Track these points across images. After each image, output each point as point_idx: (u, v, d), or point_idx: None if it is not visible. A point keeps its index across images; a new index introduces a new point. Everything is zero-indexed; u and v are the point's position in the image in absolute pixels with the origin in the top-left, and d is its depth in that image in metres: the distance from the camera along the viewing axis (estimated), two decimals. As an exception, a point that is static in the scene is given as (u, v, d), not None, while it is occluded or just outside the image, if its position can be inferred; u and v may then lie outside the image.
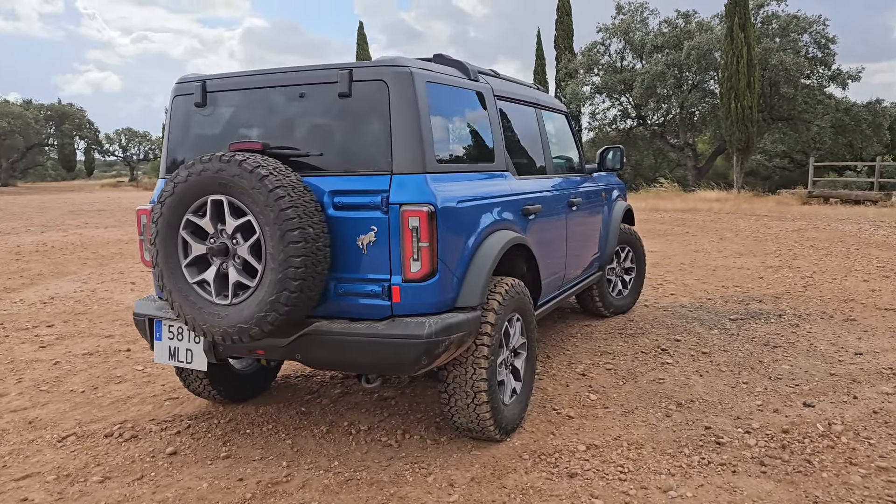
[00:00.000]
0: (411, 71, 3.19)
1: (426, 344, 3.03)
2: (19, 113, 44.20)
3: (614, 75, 28.62)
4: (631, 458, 3.39)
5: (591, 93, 29.65)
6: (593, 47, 29.31)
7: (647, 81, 26.17)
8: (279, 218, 2.91)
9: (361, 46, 36.59)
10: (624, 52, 29.18)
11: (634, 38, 28.32)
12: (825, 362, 4.78)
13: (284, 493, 3.14)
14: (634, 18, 28.60)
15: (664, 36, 27.28)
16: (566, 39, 30.73)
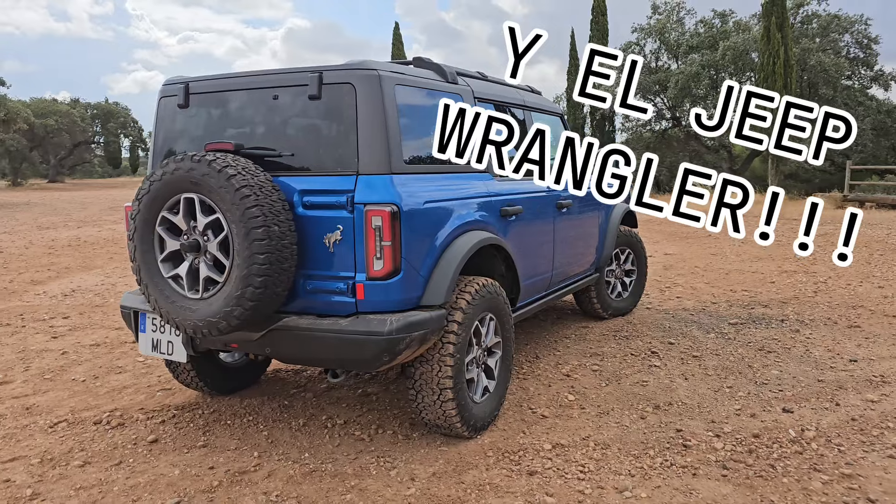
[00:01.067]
0: (379, 74, 3.27)
1: (387, 341, 3.11)
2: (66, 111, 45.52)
3: (649, 76, 28.29)
4: (594, 458, 3.42)
5: (624, 93, 29.38)
6: (628, 47, 28.99)
7: (681, 82, 25.81)
8: (244, 216, 3.02)
9: (397, 47, 36.76)
10: (659, 52, 28.83)
11: (670, 39, 27.96)
12: (816, 368, 4.72)
13: (250, 482, 3.25)
14: (670, 18, 28.23)
15: (700, 36, 26.88)
16: (601, 40, 30.42)
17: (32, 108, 41.73)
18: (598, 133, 30.79)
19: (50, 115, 43.59)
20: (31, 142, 45.09)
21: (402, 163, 3.31)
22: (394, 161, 3.25)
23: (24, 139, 41.85)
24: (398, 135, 3.30)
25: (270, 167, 3.35)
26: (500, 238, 3.88)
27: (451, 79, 3.89)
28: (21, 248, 12.19)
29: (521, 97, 4.69)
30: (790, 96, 4.27)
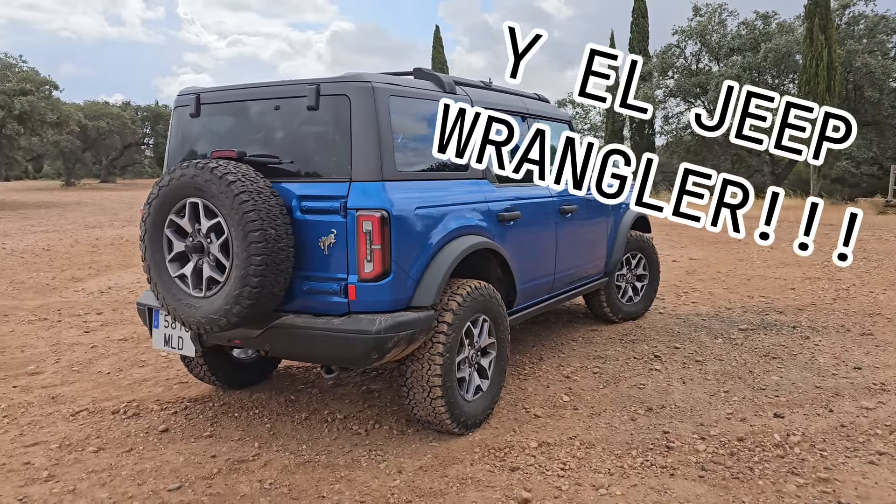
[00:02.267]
0: (373, 86, 3.44)
1: (375, 339, 3.28)
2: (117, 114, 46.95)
3: (689, 78, 28.03)
4: (577, 456, 3.54)
5: (664, 96, 29.13)
6: (668, 49, 28.77)
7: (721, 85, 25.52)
8: (242, 220, 3.22)
9: (437, 49, 37.06)
10: (700, 54, 28.53)
11: (711, 41, 27.65)
12: (818, 375, 4.74)
13: (247, 470, 3.45)
14: (712, 20, 27.92)
15: (741, 38, 26.52)
16: (641, 42, 30.25)
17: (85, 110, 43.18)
18: (638, 137, 30.58)
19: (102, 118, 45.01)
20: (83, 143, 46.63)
21: (394, 170, 3.47)
22: (386, 169, 3.42)
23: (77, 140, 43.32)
24: (391, 143, 3.47)
25: (273, 173, 3.55)
26: (494, 243, 4.02)
27: (449, 89, 4.04)
28: (67, 247, 12.72)
29: (524, 105, 4.82)
30: (833, 98, 4.26)
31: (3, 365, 5.30)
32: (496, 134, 4.51)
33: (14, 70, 26.34)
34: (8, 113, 25.28)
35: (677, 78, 28.69)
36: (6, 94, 25.41)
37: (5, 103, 25.23)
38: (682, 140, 30.57)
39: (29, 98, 25.51)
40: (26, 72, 26.51)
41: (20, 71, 26.37)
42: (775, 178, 28.12)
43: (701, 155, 31.05)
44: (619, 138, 32.00)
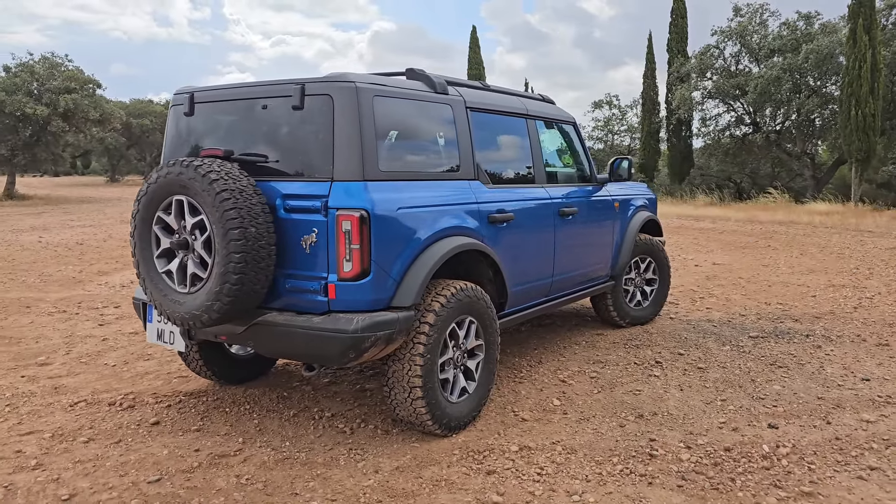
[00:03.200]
0: (356, 86, 3.45)
1: (352, 339, 3.29)
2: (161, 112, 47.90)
3: (728, 79, 27.48)
4: (557, 461, 3.50)
5: (702, 98, 28.62)
6: (707, 50, 28.24)
7: (760, 86, 24.96)
8: (223, 217, 3.26)
9: (474, 50, 37.02)
10: (739, 55, 27.94)
11: (751, 41, 27.07)
12: (822, 386, 4.61)
13: (227, 465, 3.50)
14: (753, 20, 27.32)
15: (782, 39, 25.90)
16: (680, 43, 29.80)
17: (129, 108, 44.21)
18: (675, 139, 30.13)
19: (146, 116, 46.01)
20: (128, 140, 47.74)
21: (377, 170, 3.48)
22: (368, 168, 3.43)
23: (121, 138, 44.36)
24: (374, 143, 3.48)
25: (259, 172, 3.59)
26: (483, 244, 4.00)
27: (440, 89, 4.03)
28: (100, 241, 13.04)
29: (524, 106, 4.78)
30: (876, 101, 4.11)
31: (17, 355, 5.45)
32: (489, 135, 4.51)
33: (60, 69, 27.04)
34: (53, 110, 25.96)
35: (716, 79, 28.15)
36: (52, 92, 26.11)
37: (51, 101, 25.91)
38: (721, 143, 30.02)
39: (73, 96, 26.16)
40: (71, 71, 27.17)
41: (65, 70, 27.07)
42: (817, 182, 27.45)
43: (740, 158, 30.46)
44: (656, 140, 31.59)
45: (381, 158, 3.54)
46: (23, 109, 25.04)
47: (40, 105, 25.54)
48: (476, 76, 35.96)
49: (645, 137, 31.53)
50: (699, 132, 30.14)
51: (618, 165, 5.55)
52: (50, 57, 27.32)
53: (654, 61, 30.79)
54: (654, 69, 30.87)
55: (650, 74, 30.82)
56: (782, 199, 23.34)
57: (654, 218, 6.26)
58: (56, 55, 27.45)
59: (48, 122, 26.20)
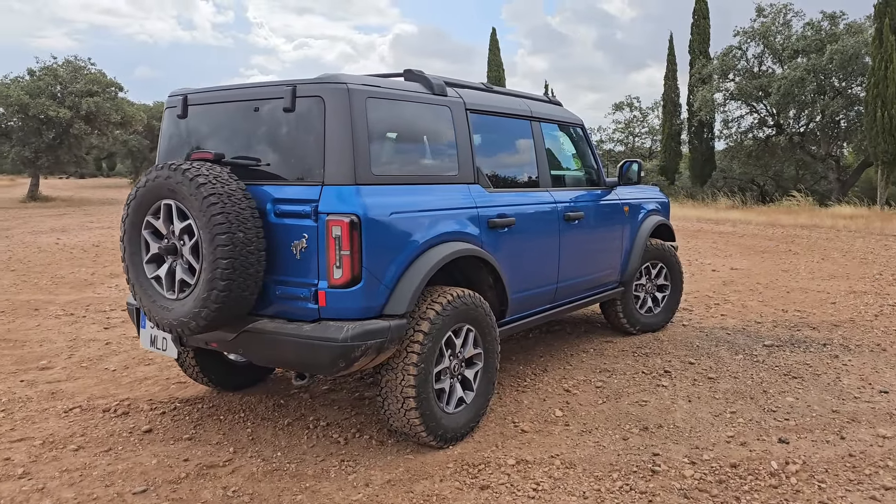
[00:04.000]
0: (348, 87, 3.35)
1: (342, 347, 3.19)
2: (183, 114, 48.34)
3: (751, 81, 27.07)
4: (554, 476, 3.37)
5: (724, 99, 28.23)
6: (729, 51, 27.86)
7: (784, 88, 24.55)
8: (210, 222, 3.18)
9: (493, 52, 36.87)
10: (762, 56, 27.53)
11: (775, 42, 26.65)
12: (838, 398, 4.43)
13: (214, 476, 3.41)
14: (776, 21, 26.91)
15: (806, 39, 25.46)
16: (702, 44, 29.46)
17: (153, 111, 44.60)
18: (696, 141, 29.78)
19: (168, 118, 46.44)
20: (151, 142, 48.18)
21: (370, 174, 3.38)
22: (360, 172, 3.33)
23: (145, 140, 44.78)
24: (367, 146, 3.37)
25: (251, 176, 3.51)
26: (482, 250, 3.88)
27: (438, 91, 3.92)
28: (116, 243, 13.12)
29: (528, 107, 4.66)
30: None
31: (20, 359, 5.43)
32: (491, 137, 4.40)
33: (83, 72, 27.35)
34: (76, 113, 26.27)
35: (738, 81, 27.77)
36: (75, 95, 26.42)
37: (73, 104, 26.23)
38: (743, 145, 29.60)
39: (95, 99, 26.44)
40: (94, 74, 27.48)
41: (88, 73, 27.37)
42: (842, 185, 26.95)
43: (763, 160, 30.02)
44: (677, 142, 31.24)
45: (375, 162, 3.43)
46: (46, 112, 25.37)
47: (63, 108, 25.85)
48: (496, 78, 35.83)
49: (666, 140, 31.19)
50: (721, 134, 29.78)
51: (627, 168, 5.40)
52: (73, 60, 27.66)
53: (675, 62, 30.48)
54: (675, 70, 30.55)
55: (671, 76, 30.50)
56: (806, 203, 22.92)
57: (666, 222, 6.10)
58: (79, 58, 27.80)
59: (70, 124, 26.50)
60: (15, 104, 25.16)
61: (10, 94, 24.91)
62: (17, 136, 27.00)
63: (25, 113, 25.61)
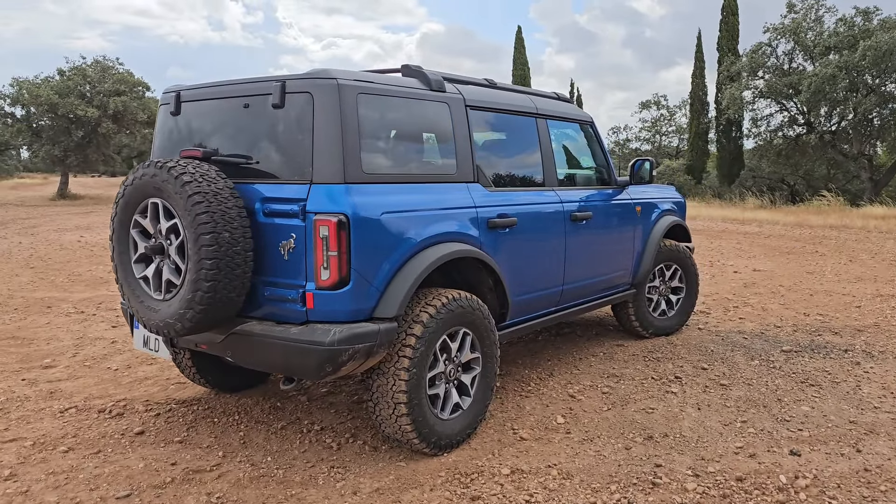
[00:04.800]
0: (338, 83, 3.25)
1: (328, 351, 3.08)
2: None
3: (781, 78, 26.50)
4: (549, 487, 3.23)
5: (753, 97, 27.68)
6: (759, 48, 27.29)
7: (815, 85, 23.96)
8: (194, 222, 3.09)
9: (518, 50, 36.64)
10: (793, 53, 26.93)
11: (806, 39, 26.04)
12: (857, 408, 4.23)
13: (200, 481, 3.33)
14: (807, 17, 26.30)
15: (838, 35, 24.84)
16: (731, 41, 28.95)
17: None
18: (724, 140, 29.29)
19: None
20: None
21: (360, 172, 3.27)
22: (349, 170, 3.22)
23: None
24: (357, 144, 3.27)
25: (242, 174, 3.42)
26: (481, 251, 3.76)
27: (436, 87, 3.79)
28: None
29: (533, 104, 4.51)
30: None
31: (25, 357, 5.42)
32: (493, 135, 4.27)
33: (111, 72, 27.71)
34: (103, 112, 26.62)
35: (768, 78, 27.21)
36: (103, 94, 26.78)
37: (101, 103, 26.58)
38: (773, 144, 29.01)
39: (123, 98, 26.77)
40: (121, 73, 27.83)
41: (116, 73, 27.72)
42: (874, 184, 26.29)
43: (793, 159, 29.40)
44: (705, 141, 30.76)
45: (366, 160, 3.33)
46: (74, 111, 25.73)
47: (91, 107, 26.20)
48: (521, 77, 35.60)
49: (693, 138, 30.73)
50: (750, 133, 29.22)
51: (639, 167, 5.23)
52: (101, 60, 28.02)
53: (703, 60, 30.01)
54: (702, 68, 30.07)
55: (699, 74, 30.03)
56: (836, 203, 22.39)
57: (682, 223, 5.91)
58: (107, 58, 28.17)
59: (98, 123, 26.87)
60: (45, 104, 25.56)
61: (41, 93, 25.31)
62: (48, 134, 27.45)
63: (55, 112, 26.00)
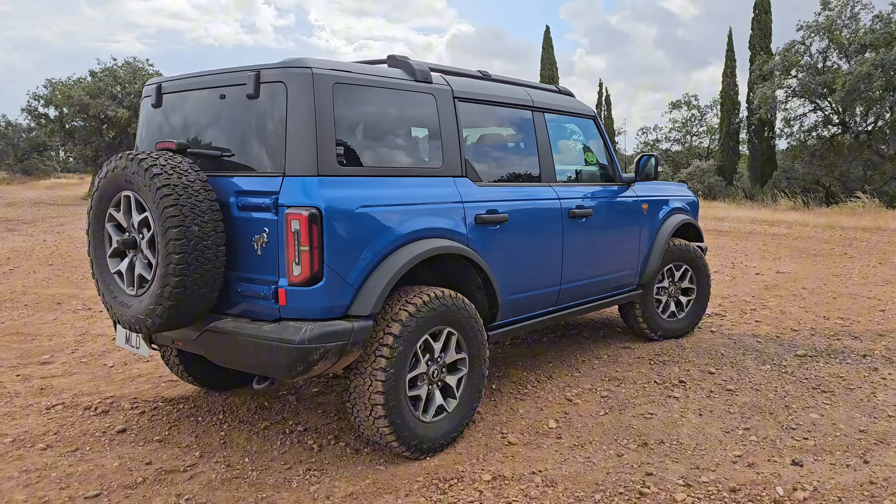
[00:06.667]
0: (312, 72, 3.14)
1: (298, 350, 2.97)
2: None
3: (814, 77, 25.84)
4: (531, 495, 3.08)
5: (786, 96, 27.02)
6: (792, 47, 26.65)
7: (849, 84, 23.31)
8: (162, 215, 3.01)
9: (546, 50, 36.30)
10: (827, 51, 26.24)
11: (840, 36, 25.35)
12: (869, 416, 4.00)
13: (171, 482, 3.24)
14: (842, 14, 25.60)
15: (874, 33, 24.14)
16: (763, 39, 28.34)
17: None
18: (756, 140, 28.70)
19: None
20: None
21: (335, 165, 3.15)
22: (323, 163, 3.11)
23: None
24: (332, 135, 3.15)
25: (218, 167, 3.34)
26: (467, 248, 3.62)
27: (421, 77, 3.66)
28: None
29: (529, 97, 4.36)
30: None
31: (25, 352, 5.42)
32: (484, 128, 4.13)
33: (141, 73, 28.07)
34: (134, 113, 26.93)
35: (801, 77, 26.54)
36: (134, 95, 27.12)
37: (132, 104, 26.91)
38: (807, 144, 28.31)
39: (152, 99, 27.08)
40: (152, 74, 28.16)
41: (146, 74, 28.07)
42: (911, 186, 25.49)
43: (828, 160, 28.65)
44: (736, 141, 30.16)
45: (343, 152, 3.21)
46: (105, 112, 26.09)
47: (122, 108, 26.53)
48: (549, 77, 35.28)
49: (723, 139, 30.15)
50: (782, 133, 28.56)
51: (644, 163, 5.04)
52: (132, 62, 28.40)
53: (734, 59, 29.42)
54: (734, 67, 29.48)
55: (730, 73, 29.46)
56: (871, 204, 21.73)
57: (693, 221, 5.70)
58: (138, 60, 28.51)
59: (129, 124, 27.18)
60: (76, 104, 25.97)
61: (73, 94, 25.73)
62: (80, 135, 27.89)
63: (86, 113, 26.39)
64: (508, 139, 4.32)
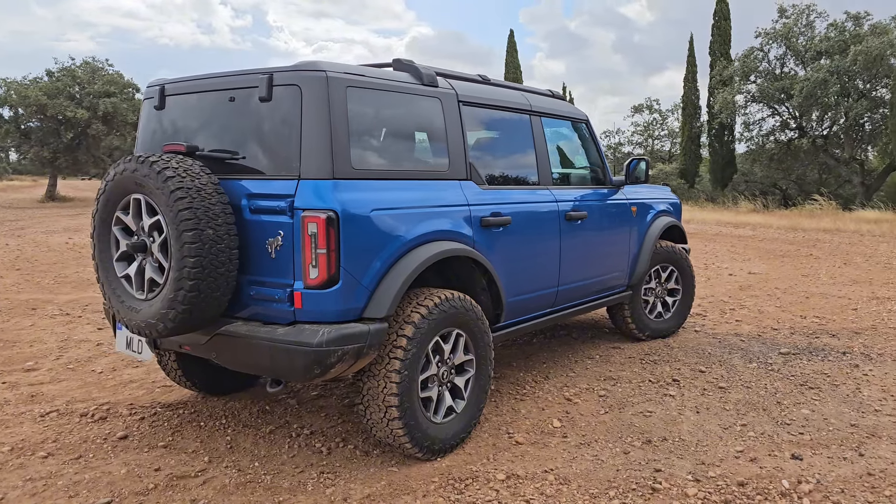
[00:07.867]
0: (327, 75, 3.14)
1: (316, 353, 2.97)
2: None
3: (773, 83, 26.55)
4: (546, 493, 3.13)
5: (745, 102, 27.71)
6: (751, 53, 27.35)
7: (806, 89, 24.01)
8: (177, 218, 2.98)
9: (511, 54, 36.57)
10: (784, 57, 27.00)
11: (797, 44, 26.11)
12: (857, 411, 4.15)
13: (184, 487, 3.21)
14: (798, 22, 26.37)
15: (829, 40, 24.91)
16: (723, 45, 28.98)
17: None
18: (717, 144, 29.32)
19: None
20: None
21: (349, 168, 3.16)
22: (338, 166, 3.12)
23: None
24: (346, 138, 3.16)
25: (228, 170, 3.31)
26: (474, 250, 3.66)
27: (428, 81, 3.69)
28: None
29: (528, 101, 4.42)
30: None
31: (8, 360, 5.28)
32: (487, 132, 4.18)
33: (100, 73, 27.51)
34: (93, 114, 26.41)
35: (760, 83, 27.25)
36: (93, 95, 26.58)
37: (91, 105, 26.37)
38: (765, 148, 29.06)
39: (112, 100, 26.56)
40: (111, 75, 27.64)
41: (105, 74, 27.52)
42: (866, 189, 26.36)
43: (785, 163, 29.46)
44: (697, 145, 30.78)
45: (356, 155, 3.22)
46: (64, 113, 25.51)
47: (81, 108, 25.97)
48: (513, 80, 35.55)
49: (685, 142, 30.74)
50: (742, 137, 29.27)
51: (634, 167, 5.14)
52: (91, 62, 27.82)
53: (695, 64, 30.04)
54: (695, 72, 30.10)
55: (691, 78, 30.05)
56: (829, 207, 22.39)
57: (677, 223, 5.83)
58: (97, 60, 27.96)
59: (88, 125, 26.64)
60: (33, 105, 25.33)
61: (29, 94, 25.09)
62: (37, 136, 27.21)
63: (44, 113, 25.78)
64: (509, 142, 4.37)
